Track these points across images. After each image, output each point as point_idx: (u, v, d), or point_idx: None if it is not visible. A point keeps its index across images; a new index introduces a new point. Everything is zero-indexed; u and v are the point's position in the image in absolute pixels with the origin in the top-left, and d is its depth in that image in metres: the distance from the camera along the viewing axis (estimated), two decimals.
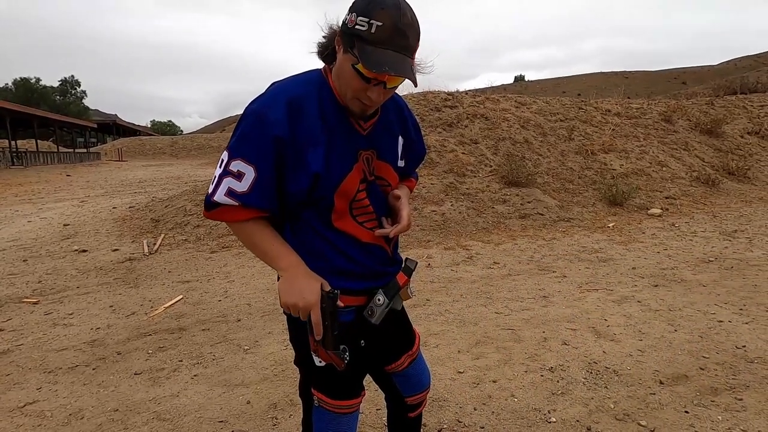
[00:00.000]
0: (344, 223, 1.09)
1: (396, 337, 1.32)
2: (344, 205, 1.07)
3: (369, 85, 0.96)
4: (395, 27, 0.92)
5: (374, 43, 0.92)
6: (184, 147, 38.90)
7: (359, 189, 1.08)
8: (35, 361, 2.81)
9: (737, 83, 15.68)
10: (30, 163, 24.11)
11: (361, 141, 1.09)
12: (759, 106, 12.38)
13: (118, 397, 2.40)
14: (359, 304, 1.14)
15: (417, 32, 0.97)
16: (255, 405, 2.29)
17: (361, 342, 1.15)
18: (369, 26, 0.91)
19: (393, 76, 0.94)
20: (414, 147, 1.27)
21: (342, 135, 1.05)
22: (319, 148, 1.01)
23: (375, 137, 1.12)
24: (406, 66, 0.94)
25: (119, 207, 8.66)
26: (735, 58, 77.37)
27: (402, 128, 1.21)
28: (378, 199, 1.14)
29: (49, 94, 66.14)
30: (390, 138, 1.16)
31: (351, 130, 1.06)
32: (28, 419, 2.22)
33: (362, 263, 1.12)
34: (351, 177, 1.06)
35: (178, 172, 19.45)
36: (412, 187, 1.36)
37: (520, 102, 9.94)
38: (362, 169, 1.09)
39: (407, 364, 1.34)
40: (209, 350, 2.91)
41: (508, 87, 75.73)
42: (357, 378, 1.22)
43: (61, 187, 13.71)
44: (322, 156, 1.01)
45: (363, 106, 1.01)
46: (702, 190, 7.93)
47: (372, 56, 0.91)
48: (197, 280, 4.36)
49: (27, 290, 4.15)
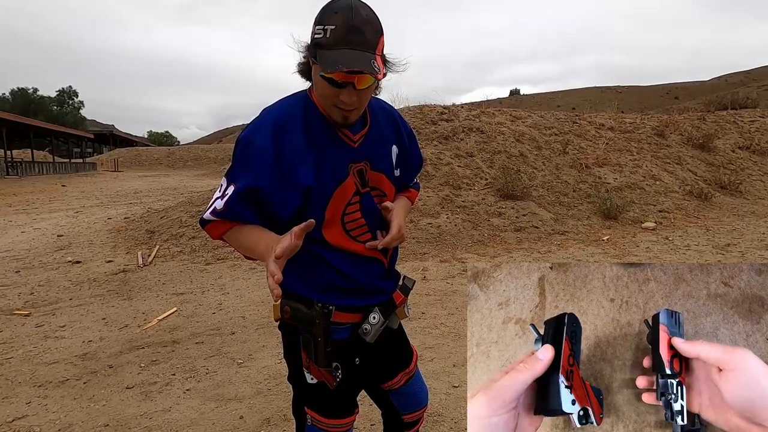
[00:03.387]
0: (336, 238, 1.08)
1: (392, 355, 1.30)
2: (336, 219, 1.07)
3: (340, 89, 0.97)
4: (348, 26, 0.92)
5: (330, 46, 0.93)
6: (181, 158, 38.90)
7: (350, 202, 1.08)
8: (25, 375, 2.77)
9: (728, 99, 15.95)
10: (25, 173, 24.02)
11: (352, 154, 1.09)
12: (749, 121, 12.58)
13: (108, 411, 2.36)
14: (355, 322, 1.13)
15: (375, 28, 0.96)
16: (248, 420, 2.26)
17: (356, 360, 1.14)
18: (324, 32, 0.94)
19: (345, 74, 0.93)
20: (409, 156, 1.26)
21: (331, 150, 1.05)
22: (307, 165, 1.02)
23: (367, 148, 1.11)
24: (363, 61, 0.92)
25: (114, 218, 8.63)
26: (726, 74, 78.81)
27: (396, 137, 1.20)
28: (372, 211, 1.13)
29: (46, 104, 66.21)
30: (383, 148, 1.16)
31: (341, 144, 1.07)
32: None
33: (355, 279, 1.11)
34: (342, 190, 1.06)
35: (175, 183, 19.42)
36: (413, 198, 1.34)
37: (516, 116, 10.05)
38: (354, 182, 1.09)
39: (404, 381, 1.32)
40: (202, 364, 2.88)
41: (503, 101, 76.57)
42: (351, 396, 1.20)
43: (56, 197, 13.65)
44: (312, 171, 1.03)
45: (343, 113, 1.01)
46: (695, 203, 8.01)
47: (328, 58, 0.93)
48: (191, 292, 4.34)
49: (19, 302, 4.11)
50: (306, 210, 1.04)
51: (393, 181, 1.18)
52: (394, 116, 1.22)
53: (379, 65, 0.95)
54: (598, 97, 63.21)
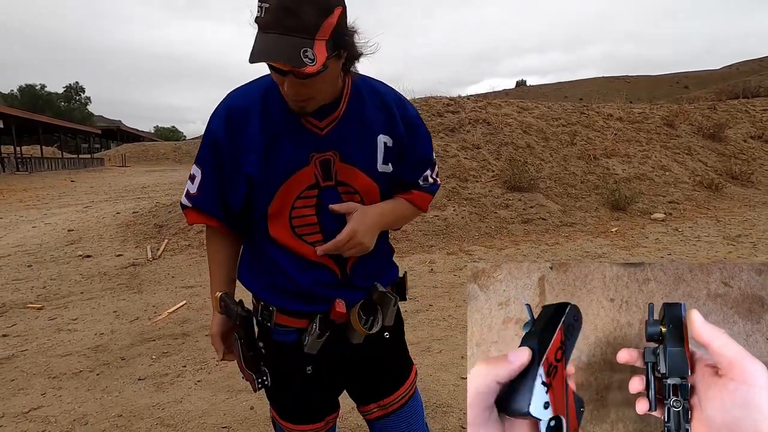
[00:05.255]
0: (280, 234, 0.97)
1: (363, 378, 1.10)
2: (282, 214, 0.96)
3: (284, 78, 0.83)
4: (280, 5, 0.78)
5: (262, 28, 0.80)
6: (188, 152, 39.08)
7: (301, 195, 0.95)
8: (40, 367, 2.82)
9: (740, 87, 15.70)
10: (35, 169, 24.28)
11: (317, 142, 0.95)
12: (761, 110, 12.37)
13: (121, 402, 2.40)
14: (301, 327, 1.01)
15: (318, 5, 0.79)
16: (258, 411, 2.29)
17: (307, 368, 1.03)
18: (260, 9, 0.80)
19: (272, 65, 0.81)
20: (408, 148, 1.04)
21: (288, 137, 0.94)
22: (255, 153, 0.94)
23: (337, 136, 0.96)
24: (289, 50, 0.78)
25: (123, 212, 8.70)
26: (738, 62, 77.42)
27: (387, 125, 1.00)
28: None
29: (53, 101, 66.73)
30: (363, 137, 0.98)
31: (302, 132, 0.94)
32: (33, 425, 2.23)
33: (298, 283, 0.99)
34: (292, 182, 0.94)
35: (182, 177, 19.52)
36: (417, 201, 1.09)
37: (522, 107, 9.96)
38: (314, 174, 0.95)
39: (378, 415, 1.12)
40: (213, 356, 2.91)
41: (510, 92, 75.86)
42: (312, 403, 1.08)
43: (66, 192, 13.80)
44: (257, 160, 0.94)
45: (296, 103, 0.89)
46: (705, 194, 7.91)
47: (256, 44, 0.80)
48: (201, 285, 4.37)
49: (31, 296, 4.17)
50: (251, 201, 0.98)
51: (374, 177, 0.99)
52: (388, 101, 1.02)
53: (317, 53, 0.79)
54: (606, 87, 62.41)
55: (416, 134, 1.06)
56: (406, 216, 1.11)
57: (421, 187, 1.09)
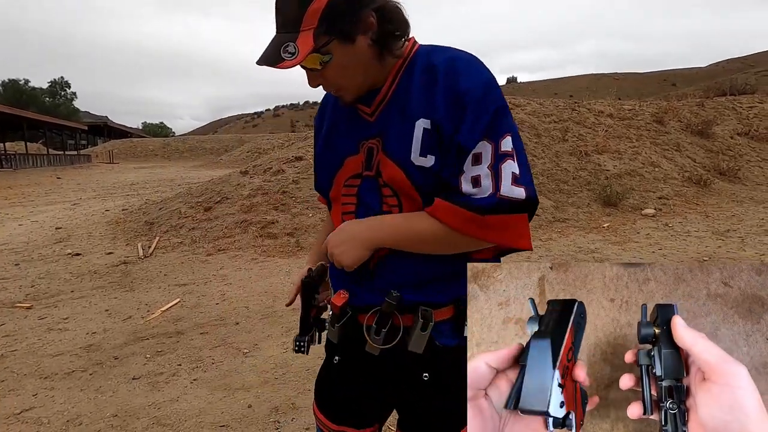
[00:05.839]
0: (335, 218, 0.96)
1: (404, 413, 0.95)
2: (337, 200, 0.96)
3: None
4: (275, 6, 0.80)
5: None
6: (177, 149, 38.62)
7: (347, 183, 0.92)
8: (30, 367, 2.76)
9: (726, 85, 15.92)
10: (19, 165, 23.80)
11: (366, 129, 0.89)
12: (748, 107, 12.57)
13: (116, 402, 2.36)
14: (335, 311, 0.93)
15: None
16: (256, 409, 2.27)
17: (335, 358, 0.98)
18: None
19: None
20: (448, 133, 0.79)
21: (345, 123, 0.94)
22: (322, 138, 0.99)
23: (382, 123, 0.87)
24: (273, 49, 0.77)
25: (112, 210, 8.57)
26: (723, 60, 78.55)
27: (428, 106, 0.81)
28: (367, 202, 0.89)
29: (38, 96, 65.40)
30: (403, 122, 0.83)
31: (355, 119, 0.91)
32: (26, 426, 2.18)
33: (333, 268, 0.95)
34: (344, 168, 0.93)
35: (171, 174, 19.30)
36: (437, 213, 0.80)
37: (514, 103, 9.99)
38: (361, 162, 0.89)
39: None
40: (208, 354, 2.88)
41: (501, 88, 75.81)
42: (341, 401, 0.98)
43: (52, 189, 13.55)
44: (322, 143, 0.98)
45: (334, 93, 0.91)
46: (694, 190, 8.03)
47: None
48: (194, 283, 4.33)
49: (20, 295, 4.09)
50: (319, 183, 1.02)
51: (408, 171, 0.82)
52: (437, 72, 0.82)
53: (299, 45, 0.76)
54: (595, 84, 63.01)
55: (461, 112, 0.79)
56: (421, 234, 0.82)
57: (452, 193, 0.80)
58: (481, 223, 0.79)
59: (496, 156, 0.78)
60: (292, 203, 6.42)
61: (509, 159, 0.79)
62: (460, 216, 0.79)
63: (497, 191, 0.78)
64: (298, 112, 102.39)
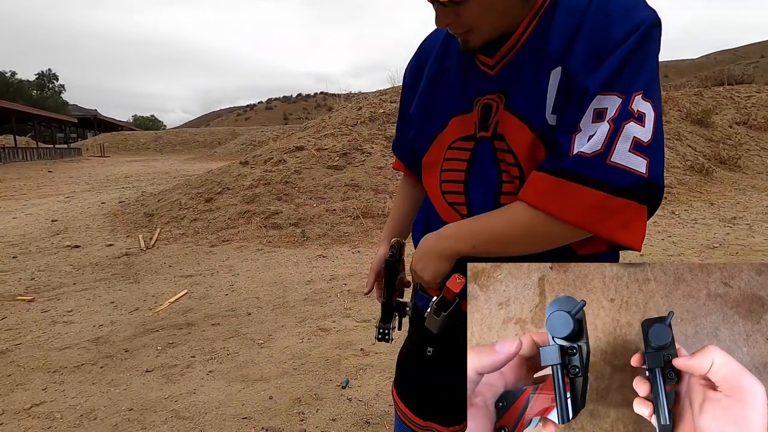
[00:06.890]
0: (432, 190, 0.84)
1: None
2: (435, 164, 0.82)
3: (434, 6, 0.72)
4: None
5: None
6: (169, 142, 38.17)
7: (453, 146, 0.79)
8: (37, 361, 2.66)
9: (724, 74, 15.95)
10: (8, 159, 23.34)
11: (484, 83, 0.75)
12: (746, 96, 12.61)
13: (131, 395, 2.28)
14: (434, 296, 0.81)
15: None
16: (278, 400, 2.19)
17: (428, 349, 0.90)
18: None
19: None
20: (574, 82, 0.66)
21: (455, 76, 0.80)
22: (421, 93, 0.86)
23: (508, 75, 0.73)
24: None
25: (108, 202, 8.40)
26: (714, 52, 78.95)
27: (565, 52, 0.67)
28: (483, 171, 0.75)
29: (25, 89, 64.20)
30: (536, 73, 0.69)
31: (471, 71, 0.77)
32: (37, 421, 2.09)
33: None
34: (449, 128, 0.79)
35: (165, 167, 19.04)
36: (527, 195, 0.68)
37: None
38: (474, 122, 0.76)
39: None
40: (222, 345, 2.80)
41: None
42: (429, 394, 0.92)
43: (44, 183, 13.28)
44: (421, 99, 0.85)
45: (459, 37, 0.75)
46: (696, 178, 8.03)
47: None
48: (200, 274, 4.22)
49: (20, 288, 3.96)
50: (414, 146, 0.89)
51: (539, 130, 0.68)
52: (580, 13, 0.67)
53: None
54: None
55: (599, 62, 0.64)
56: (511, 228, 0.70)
57: (553, 160, 0.66)
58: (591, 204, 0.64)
59: (623, 111, 0.62)
60: (295, 193, 6.31)
61: (637, 123, 0.62)
62: (548, 190, 0.65)
63: (607, 156, 0.62)
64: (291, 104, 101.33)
